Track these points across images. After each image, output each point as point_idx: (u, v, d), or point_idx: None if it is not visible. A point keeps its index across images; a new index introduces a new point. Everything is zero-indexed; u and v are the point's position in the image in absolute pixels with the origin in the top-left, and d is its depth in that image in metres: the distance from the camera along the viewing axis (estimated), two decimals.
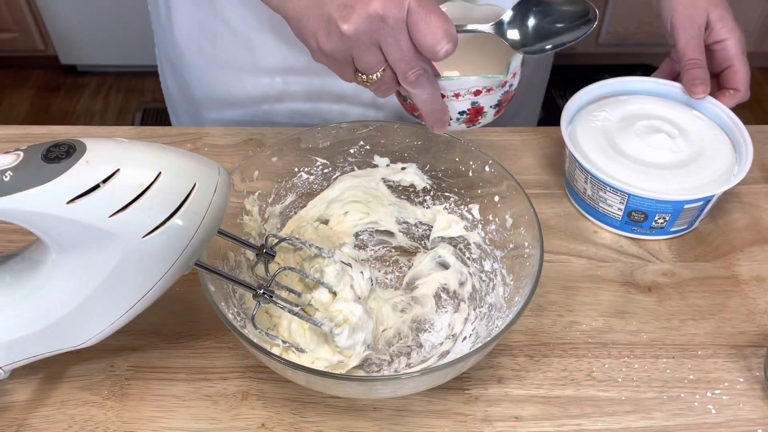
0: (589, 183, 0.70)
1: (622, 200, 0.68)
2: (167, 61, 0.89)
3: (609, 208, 0.70)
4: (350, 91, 0.82)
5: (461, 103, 0.61)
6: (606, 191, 0.69)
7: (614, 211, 0.70)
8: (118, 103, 2.35)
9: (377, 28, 0.52)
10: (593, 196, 0.70)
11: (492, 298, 0.62)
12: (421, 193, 0.70)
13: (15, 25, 2.25)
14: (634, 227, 0.70)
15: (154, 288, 0.49)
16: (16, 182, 0.44)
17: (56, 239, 0.47)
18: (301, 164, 0.68)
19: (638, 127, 0.73)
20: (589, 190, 0.71)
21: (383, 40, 0.53)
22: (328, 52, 0.55)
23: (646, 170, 0.69)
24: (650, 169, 0.69)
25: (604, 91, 0.78)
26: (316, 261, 0.61)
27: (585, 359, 0.62)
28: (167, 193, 0.47)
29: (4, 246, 0.68)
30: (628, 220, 0.70)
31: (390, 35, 0.53)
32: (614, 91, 0.79)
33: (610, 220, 0.71)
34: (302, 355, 0.57)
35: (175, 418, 0.57)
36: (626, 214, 0.69)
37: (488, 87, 0.60)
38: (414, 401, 0.58)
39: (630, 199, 0.67)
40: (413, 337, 0.63)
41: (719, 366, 0.61)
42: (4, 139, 0.81)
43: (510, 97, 0.63)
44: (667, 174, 0.69)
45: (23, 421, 0.57)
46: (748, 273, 0.68)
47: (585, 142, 0.72)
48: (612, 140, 0.72)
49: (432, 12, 0.52)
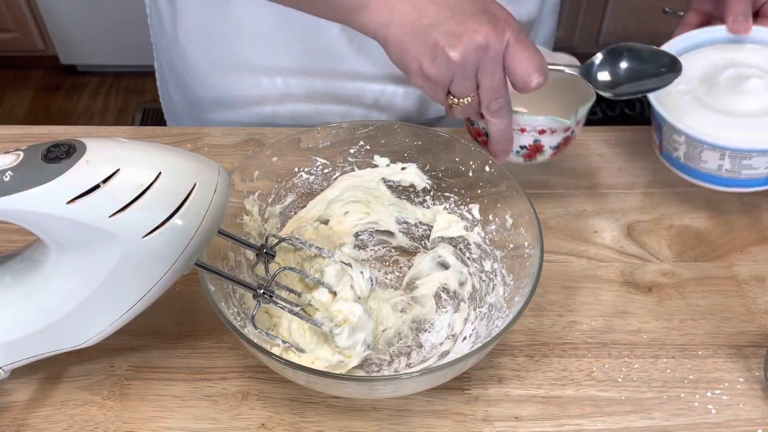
0: (727, 158, 0.65)
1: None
2: (168, 65, 0.89)
3: (754, 171, 0.65)
4: (352, 92, 0.82)
5: (525, 138, 0.66)
6: (751, 157, 0.64)
7: (761, 170, 0.66)
8: (118, 103, 2.35)
9: (480, 57, 0.56)
10: (733, 168, 0.65)
11: (492, 298, 0.62)
12: (421, 193, 0.70)
13: (15, 25, 2.25)
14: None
15: (154, 288, 0.49)
16: (16, 182, 0.44)
17: (56, 239, 0.47)
18: (301, 164, 0.68)
19: (725, 81, 0.68)
20: (727, 165, 0.65)
21: (482, 68, 0.57)
22: (431, 76, 0.58)
23: (762, 119, 0.65)
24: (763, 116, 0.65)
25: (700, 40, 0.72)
26: (316, 261, 0.61)
27: (585, 359, 0.62)
28: (167, 193, 0.47)
29: (4, 246, 0.68)
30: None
31: (489, 65, 0.57)
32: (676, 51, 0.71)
33: (753, 182, 0.67)
34: (302, 355, 0.57)
35: (175, 418, 0.57)
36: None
37: (553, 128, 0.65)
38: (414, 401, 0.58)
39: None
40: (413, 337, 0.63)
41: (719, 366, 0.61)
42: (4, 139, 0.81)
43: (569, 143, 0.68)
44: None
45: (23, 421, 0.57)
46: (748, 273, 0.68)
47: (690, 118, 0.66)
48: (709, 107, 0.67)
49: (528, 46, 0.57)
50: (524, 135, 0.65)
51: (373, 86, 0.82)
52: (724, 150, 0.64)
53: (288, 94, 0.83)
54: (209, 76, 0.84)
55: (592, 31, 2.25)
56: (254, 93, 0.83)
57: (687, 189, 0.76)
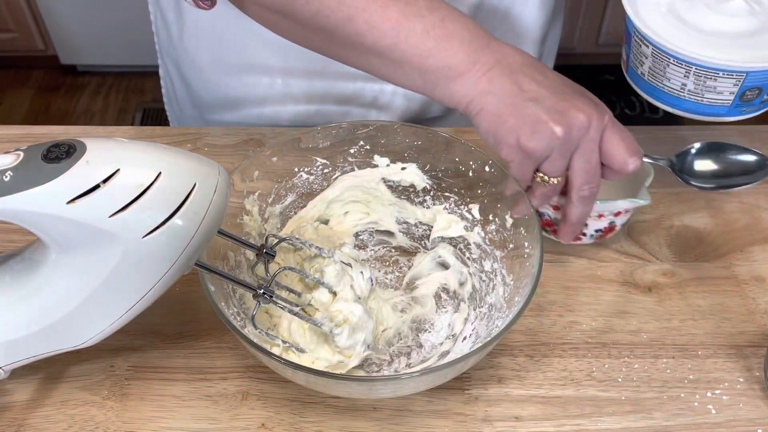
0: (692, 77, 0.62)
1: (738, 81, 0.61)
2: (174, 65, 0.89)
3: (718, 96, 0.62)
4: (352, 92, 0.82)
5: (601, 223, 0.66)
6: (717, 78, 0.61)
7: (724, 97, 0.62)
8: (118, 103, 2.35)
9: (581, 136, 0.55)
10: (696, 90, 0.62)
11: (492, 298, 0.62)
12: (421, 193, 0.70)
13: (15, 25, 2.25)
14: (743, 108, 0.64)
15: (154, 288, 0.49)
16: (16, 182, 0.44)
17: (56, 239, 0.47)
18: (301, 164, 0.68)
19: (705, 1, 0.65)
20: (690, 85, 0.62)
21: (581, 148, 0.56)
22: (528, 149, 0.55)
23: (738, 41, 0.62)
24: (741, 40, 0.62)
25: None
26: (316, 261, 0.61)
27: (585, 359, 0.62)
28: (167, 193, 0.47)
29: (4, 246, 0.68)
30: (739, 103, 0.63)
31: (588, 145, 0.56)
32: None
33: (715, 110, 0.64)
34: (302, 355, 0.57)
35: (175, 418, 0.57)
36: (738, 96, 0.62)
37: (628, 209, 0.65)
38: (414, 401, 0.58)
39: (748, 77, 0.60)
40: (413, 337, 0.63)
41: (719, 366, 0.61)
42: (4, 139, 0.81)
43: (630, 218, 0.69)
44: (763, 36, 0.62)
45: (23, 421, 0.57)
46: (748, 273, 0.68)
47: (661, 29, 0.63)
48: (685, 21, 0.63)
49: (624, 131, 0.57)
50: (601, 220, 0.65)
51: (372, 86, 0.82)
52: (690, 65, 0.61)
53: (289, 95, 0.83)
54: (212, 77, 0.84)
55: (592, 31, 2.26)
56: (255, 93, 0.84)
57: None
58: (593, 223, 0.65)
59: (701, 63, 0.60)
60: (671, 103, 0.65)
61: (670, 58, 0.61)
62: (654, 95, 0.66)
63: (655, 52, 0.62)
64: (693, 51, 0.60)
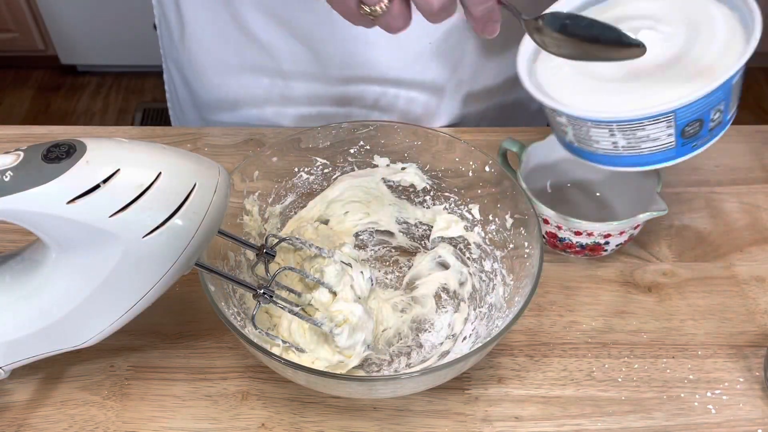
0: (618, 134, 0.55)
1: (669, 122, 0.54)
2: (175, 65, 0.89)
3: (655, 143, 0.56)
4: (354, 95, 0.82)
5: (622, 237, 0.66)
6: (645, 127, 0.54)
7: (663, 141, 0.56)
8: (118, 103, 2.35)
9: None
10: (630, 144, 0.56)
11: (492, 298, 0.62)
12: (421, 193, 0.70)
13: (15, 25, 2.25)
14: (693, 143, 0.57)
15: (154, 288, 0.49)
16: (16, 182, 0.44)
17: (56, 239, 0.47)
18: (301, 164, 0.68)
19: None
20: (622, 142, 0.56)
21: None
22: None
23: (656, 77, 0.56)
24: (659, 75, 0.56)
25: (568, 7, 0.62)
26: (316, 261, 0.61)
27: (585, 359, 0.62)
28: (167, 193, 0.47)
29: (4, 246, 0.68)
30: (684, 141, 0.56)
31: None
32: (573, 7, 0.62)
33: (661, 156, 0.57)
34: (302, 355, 0.57)
35: (175, 418, 0.57)
36: (679, 135, 0.55)
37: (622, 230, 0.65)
38: (414, 401, 0.58)
39: (678, 115, 0.54)
40: (413, 337, 0.63)
41: (719, 366, 0.61)
42: (4, 139, 0.81)
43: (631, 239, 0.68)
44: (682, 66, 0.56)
45: (23, 421, 0.57)
46: (748, 273, 0.68)
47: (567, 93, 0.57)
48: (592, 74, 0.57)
49: None
50: (622, 236, 0.65)
51: (375, 88, 0.82)
52: (609, 124, 0.54)
53: (289, 97, 0.83)
54: (212, 78, 0.84)
55: None
56: (256, 95, 0.84)
57: (687, 189, 0.76)
58: (615, 239, 0.65)
59: (619, 119, 0.54)
60: (613, 163, 0.59)
61: (587, 122, 0.56)
62: (593, 159, 0.60)
63: (570, 119, 0.57)
64: (606, 109, 0.55)
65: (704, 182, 0.77)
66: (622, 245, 0.67)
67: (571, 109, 0.56)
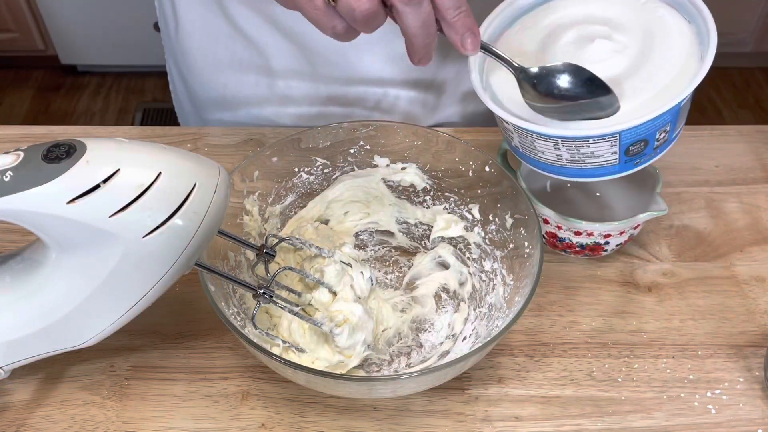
0: (562, 148, 0.55)
1: (614, 142, 0.54)
2: (174, 63, 0.89)
3: (599, 159, 0.56)
4: (354, 95, 0.82)
5: (622, 237, 0.66)
6: (589, 145, 0.54)
7: (607, 158, 0.56)
8: (118, 103, 2.35)
9: None
10: (574, 158, 0.56)
11: (492, 298, 0.62)
12: (421, 193, 0.70)
13: (15, 25, 2.25)
14: (636, 161, 0.57)
15: (154, 288, 0.49)
16: (16, 182, 0.44)
17: (56, 239, 0.47)
18: (301, 164, 0.68)
19: (565, 46, 0.58)
20: (565, 155, 0.56)
21: None
22: None
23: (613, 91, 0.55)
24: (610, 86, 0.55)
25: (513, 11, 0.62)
26: (316, 261, 0.61)
27: (585, 359, 0.62)
28: (167, 193, 0.47)
29: (5, 246, 0.68)
30: (627, 158, 0.57)
31: None
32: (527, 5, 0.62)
33: (605, 170, 0.58)
34: (302, 355, 0.57)
35: (175, 418, 0.57)
36: (623, 153, 0.56)
37: (622, 230, 0.65)
38: (414, 401, 0.58)
39: (624, 136, 0.54)
40: (413, 337, 0.63)
41: (719, 366, 0.61)
42: (4, 139, 0.81)
43: (631, 238, 0.68)
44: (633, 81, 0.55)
45: (23, 421, 0.57)
46: (748, 273, 0.68)
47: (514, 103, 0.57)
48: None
49: None
50: (622, 236, 0.65)
51: (376, 90, 0.82)
52: (555, 139, 0.54)
53: (289, 97, 0.83)
54: (210, 77, 0.84)
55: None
56: (255, 95, 0.84)
57: (687, 189, 0.76)
58: (615, 239, 0.65)
59: (564, 136, 0.54)
60: (556, 172, 0.59)
61: (533, 134, 0.56)
62: (537, 166, 0.60)
63: (516, 128, 0.56)
64: (553, 125, 0.55)
65: (704, 182, 0.77)
66: (622, 245, 0.67)
67: (517, 121, 0.55)
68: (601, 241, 0.65)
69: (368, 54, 0.78)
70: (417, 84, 0.82)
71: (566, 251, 0.68)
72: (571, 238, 0.65)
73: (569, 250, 0.67)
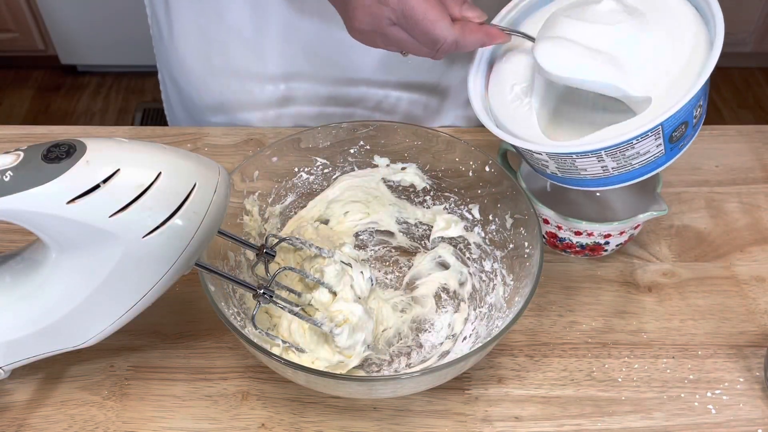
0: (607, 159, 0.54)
1: (657, 135, 0.53)
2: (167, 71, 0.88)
3: (646, 156, 0.55)
4: (355, 96, 0.82)
5: (622, 237, 0.66)
6: (633, 146, 0.53)
7: (653, 152, 0.55)
8: (118, 103, 2.35)
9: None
10: (620, 164, 0.55)
11: (492, 298, 0.62)
12: (421, 193, 0.70)
13: (15, 25, 2.25)
14: (681, 144, 0.56)
15: (154, 288, 0.49)
16: (16, 182, 0.44)
17: (56, 239, 0.47)
18: (301, 164, 0.68)
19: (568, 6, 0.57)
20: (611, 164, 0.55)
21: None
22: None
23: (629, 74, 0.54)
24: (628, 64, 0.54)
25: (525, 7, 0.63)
26: (316, 261, 0.61)
27: (585, 359, 0.62)
28: (167, 193, 0.47)
29: (5, 246, 0.68)
30: (672, 146, 0.56)
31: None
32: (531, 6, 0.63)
33: (653, 165, 0.56)
34: (302, 355, 0.57)
35: (175, 418, 0.57)
36: (667, 141, 0.55)
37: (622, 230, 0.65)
38: (414, 401, 0.58)
39: (666, 126, 0.53)
40: (413, 337, 0.63)
41: (719, 366, 0.61)
42: (4, 139, 0.81)
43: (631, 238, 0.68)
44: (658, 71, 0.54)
45: (23, 421, 0.57)
46: (748, 273, 0.68)
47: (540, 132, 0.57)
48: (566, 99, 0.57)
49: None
50: (622, 236, 0.65)
51: (377, 91, 0.82)
52: (598, 152, 0.54)
53: (291, 99, 0.83)
54: (208, 82, 0.83)
55: None
56: (257, 98, 0.83)
57: (687, 189, 0.76)
58: (615, 239, 0.65)
59: (607, 146, 0.53)
60: (603, 184, 0.58)
61: (571, 155, 0.55)
62: (582, 185, 0.59)
63: (552, 155, 0.56)
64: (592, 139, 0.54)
65: (704, 182, 0.77)
66: (622, 245, 0.67)
67: (552, 147, 0.55)
68: (601, 241, 0.65)
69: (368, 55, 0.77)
70: (419, 87, 0.82)
71: (566, 251, 0.68)
72: (571, 238, 0.65)
73: (569, 250, 0.67)
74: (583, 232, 0.64)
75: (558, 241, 0.67)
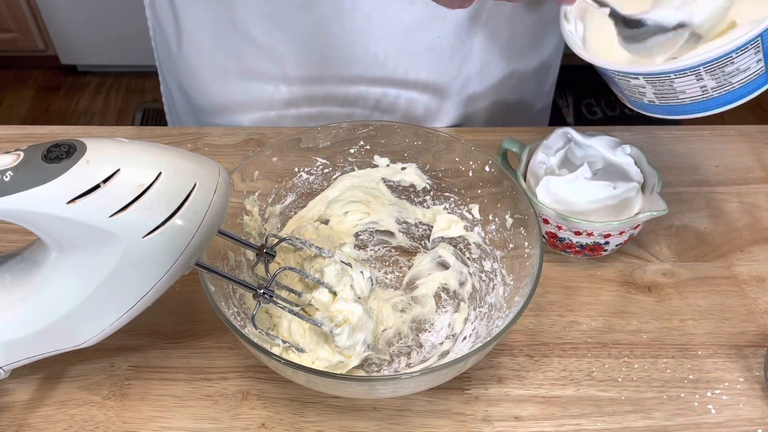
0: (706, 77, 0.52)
1: (757, 47, 0.51)
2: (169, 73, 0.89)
3: (746, 73, 0.52)
4: (355, 96, 0.82)
5: (622, 237, 0.65)
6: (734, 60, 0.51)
7: (753, 69, 0.52)
8: (118, 103, 2.35)
9: None
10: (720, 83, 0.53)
11: (492, 298, 0.62)
12: (421, 193, 0.70)
13: (15, 25, 2.25)
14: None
15: (154, 288, 0.49)
16: (16, 182, 0.44)
17: (56, 239, 0.47)
18: (301, 164, 0.68)
19: None
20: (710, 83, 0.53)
21: None
22: None
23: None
24: None
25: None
26: (316, 261, 0.61)
27: (585, 359, 0.62)
28: (167, 193, 0.47)
29: (4, 246, 0.68)
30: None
31: None
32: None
33: (752, 85, 0.54)
34: (302, 355, 0.57)
35: (175, 418, 0.57)
36: (766, 57, 0.52)
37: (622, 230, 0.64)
38: (414, 401, 0.58)
39: (765, 37, 0.50)
40: (413, 337, 0.63)
41: (719, 366, 0.61)
42: (4, 139, 0.81)
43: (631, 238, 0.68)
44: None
45: (23, 421, 0.57)
46: (748, 273, 0.68)
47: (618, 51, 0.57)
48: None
49: None
50: (622, 236, 0.65)
51: (375, 90, 0.82)
52: (696, 68, 0.52)
53: (292, 100, 0.83)
54: (213, 85, 0.84)
55: None
56: (259, 100, 0.84)
57: (687, 189, 0.76)
58: (615, 239, 0.65)
59: (706, 60, 0.51)
60: (702, 109, 0.56)
61: (670, 74, 0.53)
62: (677, 112, 0.57)
63: (649, 78, 0.55)
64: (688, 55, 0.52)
65: (704, 182, 0.77)
66: (622, 245, 0.67)
67: (651, 68, 0.53)
68: (601, 241, 0.65)
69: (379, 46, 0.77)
70: (419, 86, 0.82)
71: (566, 251, 0.68)
72: (571, 238, 0.65)
73: (569, 250, 0.67)
74: (583, 232, 0.64)
75: (558, 241, 0.67)
